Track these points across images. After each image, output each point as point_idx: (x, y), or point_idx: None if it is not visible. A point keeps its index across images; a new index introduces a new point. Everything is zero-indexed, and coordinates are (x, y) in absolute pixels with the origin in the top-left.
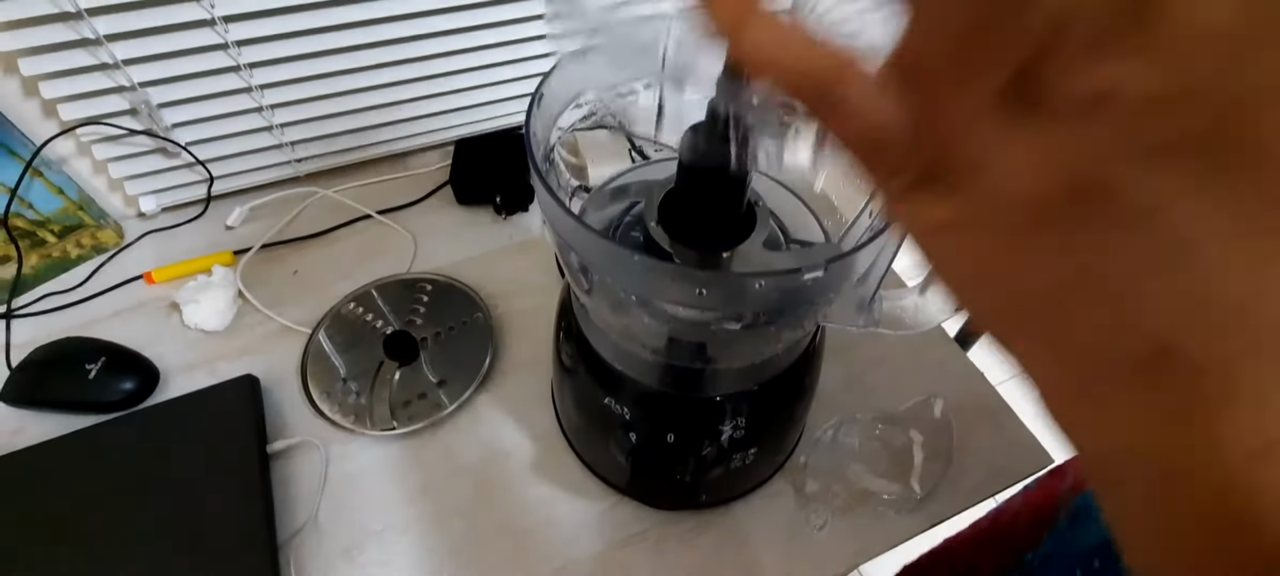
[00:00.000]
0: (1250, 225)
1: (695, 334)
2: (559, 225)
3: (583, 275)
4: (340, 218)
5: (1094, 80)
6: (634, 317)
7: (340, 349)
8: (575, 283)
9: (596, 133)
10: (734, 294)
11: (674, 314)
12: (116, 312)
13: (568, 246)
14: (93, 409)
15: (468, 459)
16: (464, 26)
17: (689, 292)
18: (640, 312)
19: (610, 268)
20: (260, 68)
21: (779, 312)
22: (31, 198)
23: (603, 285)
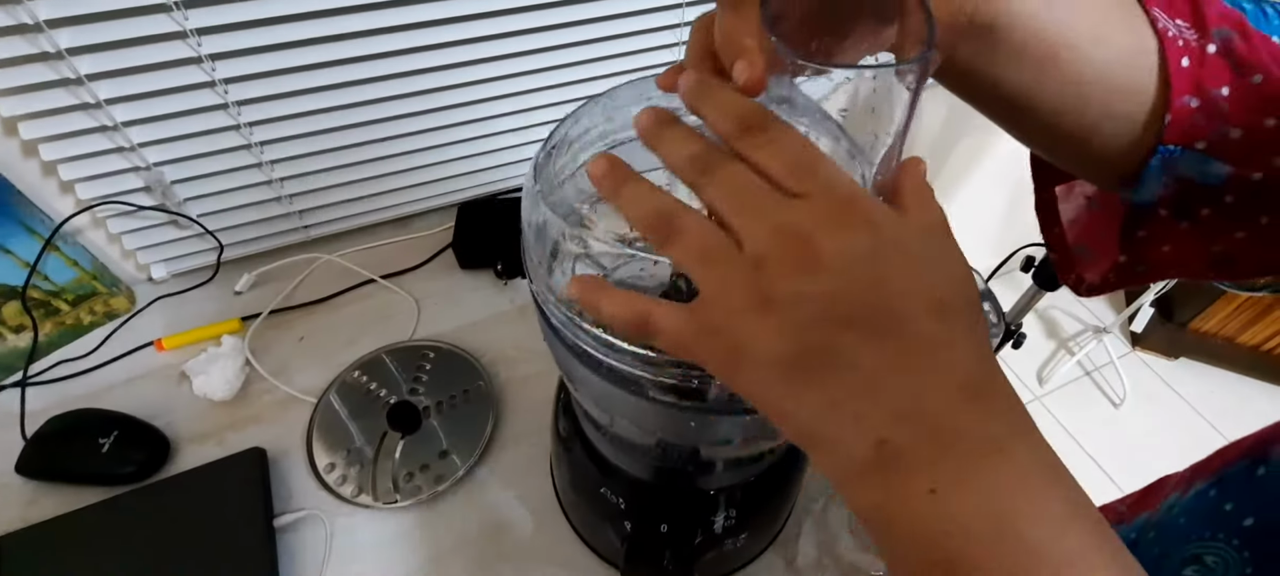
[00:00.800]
0: (905, 361)
1: (685, 440)
2: (550, 340)
3: (571, 381)
4: (345, 282)
5: (791, 289)
6: (623, 424)
7: (345, 419)
8: (568, 382)
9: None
10: (723, 429)
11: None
12: (128, 380)
13: (561, 364)
14: (105, 481)
15: (468, 531)
16: (466, 99)
17: (679, 426)
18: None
19: (595, 395)
20: (272, 146)
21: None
22: (47, 270)
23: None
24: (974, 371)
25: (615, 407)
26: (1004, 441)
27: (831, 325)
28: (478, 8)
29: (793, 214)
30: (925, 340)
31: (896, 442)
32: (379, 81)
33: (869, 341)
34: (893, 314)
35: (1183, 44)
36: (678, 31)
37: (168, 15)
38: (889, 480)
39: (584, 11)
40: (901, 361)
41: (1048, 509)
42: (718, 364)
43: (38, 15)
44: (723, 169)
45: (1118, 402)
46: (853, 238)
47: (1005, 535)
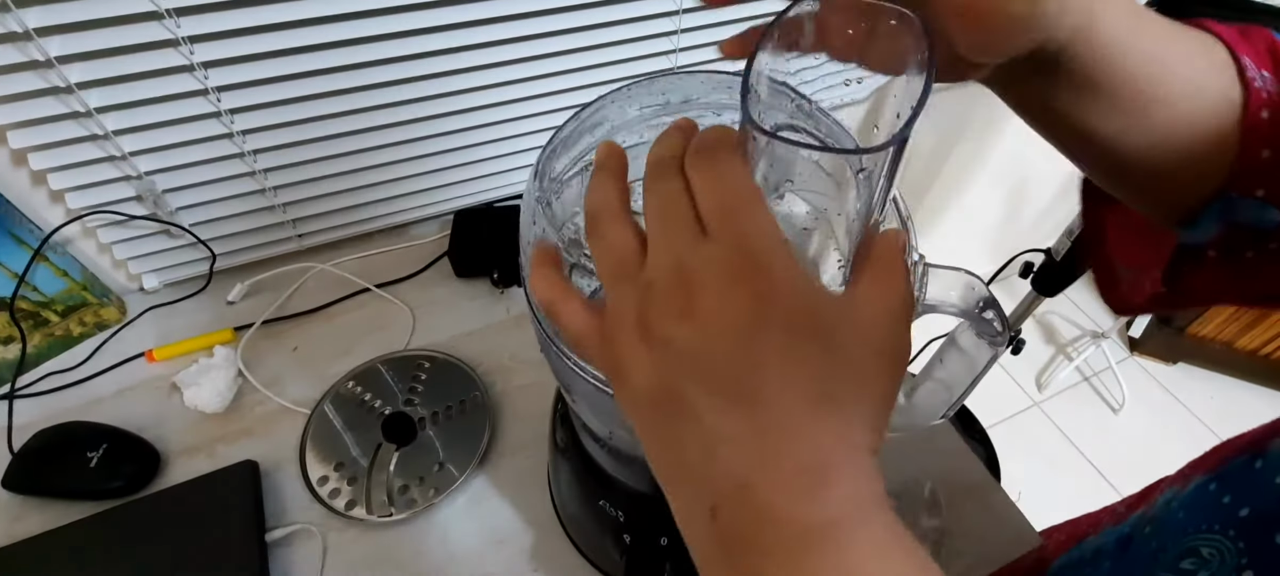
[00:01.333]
0: (750, 436)
1: None
2: (547, 350)
3: (569, 391)
4: (339, 292)
5: (663, 330)
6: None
7: (339, 430)
8: (565, 393)
9: None
10: None
11: None
12: (118, 392)
13: (555, 371)
14: (95, 496)
15: (464, 545)
16: (461, 106)
17: None
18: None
19: (593, 406)
20: (264, 153)
21: None
22: (36, 280)
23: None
24: (826, 455)
25: (614, 419)
26: (842, 528)
27: (688, 378)
28: (474, 16)
29: (695, 256)
30: (776, 421)
31: (727, 515)
32: (373, 89)
33: (719, 406)
34: (748, 390)
35: (1266, 95)
36: (675, 38)
37: (159, 23)
38: (724, 551)
39: (580, 19)
40: (746, 434)
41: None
42: (606, 373)
43: (27, 23)
44: (666, 182)
45: (1116, 408)
46: (736, 302)
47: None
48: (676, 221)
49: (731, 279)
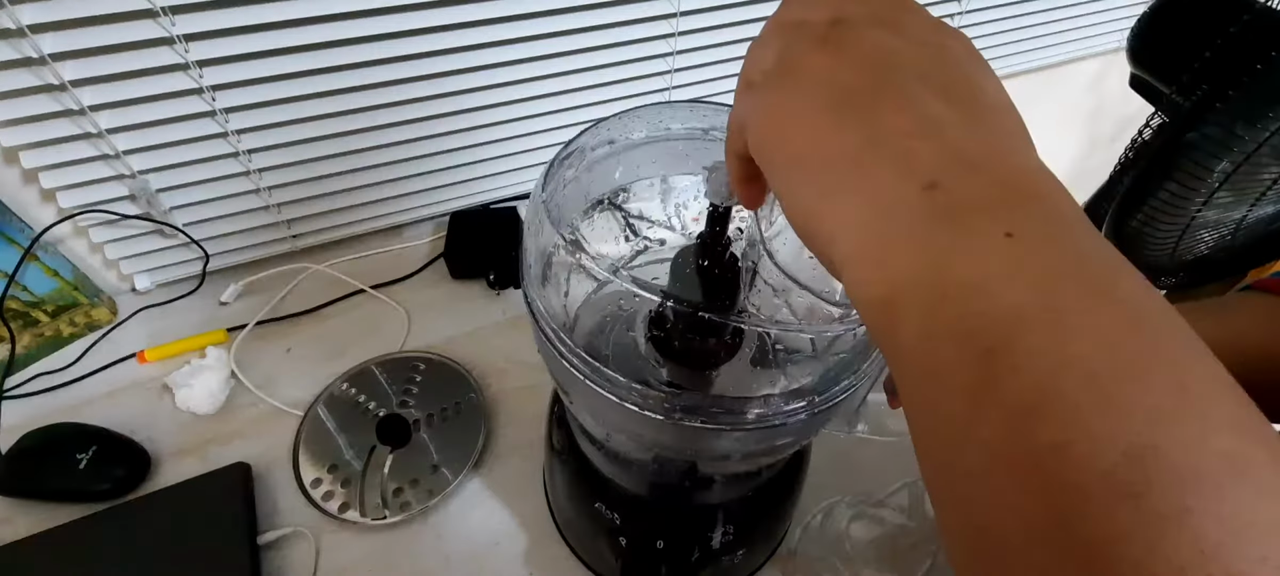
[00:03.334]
0: (978, 117)
1: (680, 454)
2: (545, 351)
3: (566, 392)
4: (334, 293)
5: (870, 38)
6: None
7: (333, 432)
8: (562, 394)
9: (595, 219)
10: (722, 443)
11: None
12: (108, 393)
13: (556, 376)
14: (84, 498)
15: (460, 548)
16: (458, 108)
17: (677, 440)
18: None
19: (591, 408)
20: (259, 153)
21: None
22: (26, 280)
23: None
24: (1026, 140)
25: (611, 421)
26: (1082, 221)
27: (901, 72)
28: (471, 16)
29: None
30: (1002, 107)
31: (953, 188)
32: (369, 89)
33: (939, 95)
34: (967, 81)
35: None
36: (671, 40)
37: (154, 21)
38: (943, 227)
39: (578, 21)
40: (973, 116)
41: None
42: (773, 66)
43: (21, 20)
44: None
45: None
46: (926, 17)
47: (1112, 289)
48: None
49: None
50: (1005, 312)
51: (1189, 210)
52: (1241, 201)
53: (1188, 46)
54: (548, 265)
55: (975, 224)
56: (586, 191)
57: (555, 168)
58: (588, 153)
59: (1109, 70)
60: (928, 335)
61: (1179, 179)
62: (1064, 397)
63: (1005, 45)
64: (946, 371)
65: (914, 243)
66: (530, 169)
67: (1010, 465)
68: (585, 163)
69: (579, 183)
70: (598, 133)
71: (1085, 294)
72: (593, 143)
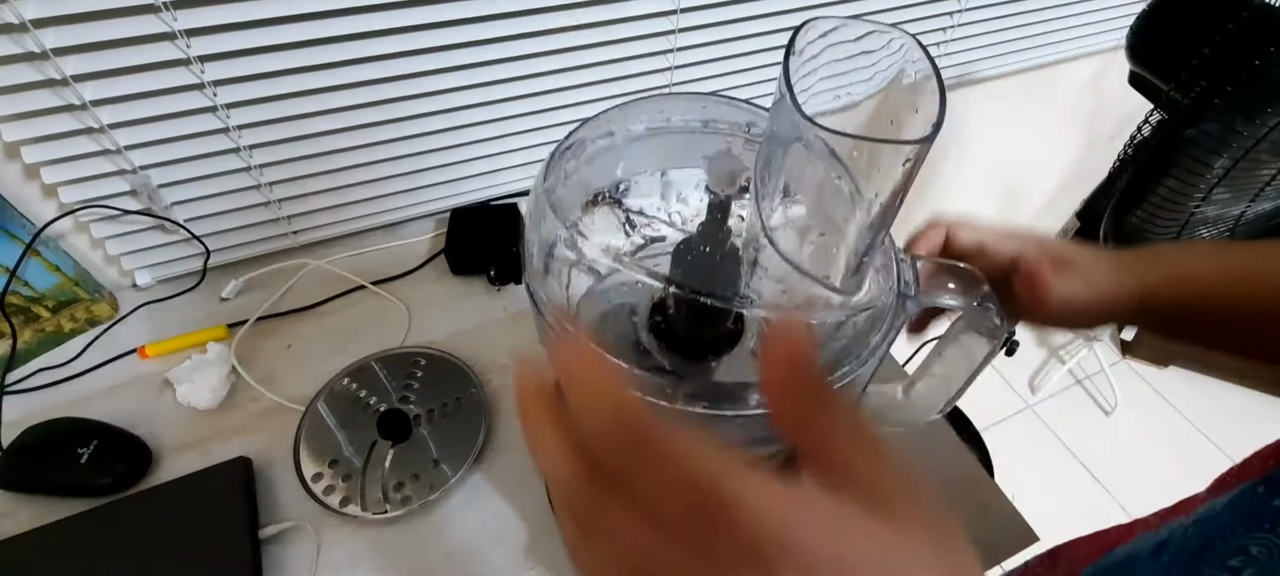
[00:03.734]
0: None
1: None
2: (548, 342)
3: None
4: (334, 289)
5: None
6: None
7: (334, 427)
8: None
9: (595, 214)
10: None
11: None
12: (109, 388)
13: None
14: (85, 493)
15: (461, 543)
16: (459, 104)
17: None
18: None
19: None
20: (261, 149)
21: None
22: (27, 275)
23: None
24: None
25: None
26: None
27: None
28: (473, 12)
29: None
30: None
31: None
32: (371, 85)
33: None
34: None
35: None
36: (672, 38)
37: (156, 16)
38: None
39: (578, 17)
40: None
41: None
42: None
43: (23, 15)
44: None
45: (1109, 410)
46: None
47: None
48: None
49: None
50: None
51: (1188, 206)
52: (1240, 198)
53: (1186, 43)
54: (550, 256)
55: None
56: (587, 183)
57: (556, 159)
58: (588, 145)
59: (1108, 69)
60: None
61: (1177, 176)
62: None
63: (1004, 44)
64: None
65: None
66: (531, 165)
67: None
68: (586, 155)
69: (580, 175)
70: (597, 125)
71: None
72: (593, 134)
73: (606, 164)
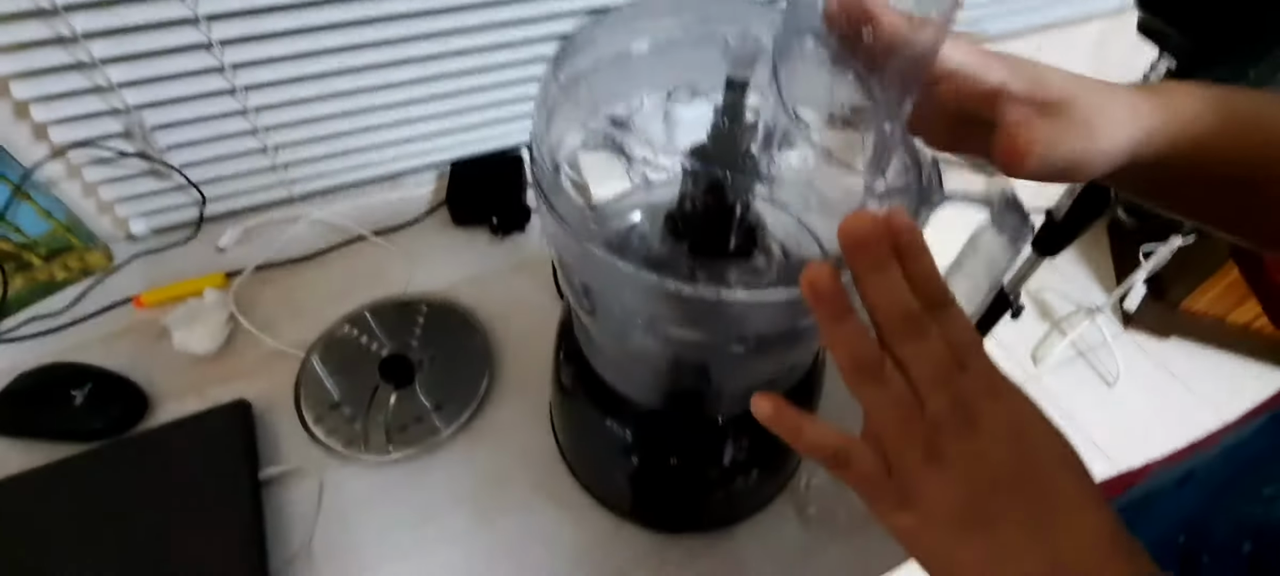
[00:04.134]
0: (1055, 517)
1: (698, 355)
2: (561, 243)
3: (585, 295)
4: (334, 239)
5: (956, 448)
6: (636, 339)
7: (334, 372)
8: (577, 303)
9: (597, 153)
10: (743, 314)
11: (678, 336)
12: (104, 337)
13: (571, 266)
14: (79, 437)
15: (466, 484)
16: (459, 48)
17: (699, 312)
18: (643, 335)
19: (617, 287)
20: (256, 90)
21: (786, 336)
22: (18, 220)
23: (606, 306)
24: (1112, 525)
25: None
26: None
27: (990, 483)
28: None
29: (963, 385)
30: (1071, 497)
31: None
32: (370, 24)
33: (1022, 499)
34: (1039, 473)
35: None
36: None
37: None
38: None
39: None
40: (1052, 517)
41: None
42: (891, 504)
43: None
44: (924, 338)
45: (1111, 382)
46: (1002, 412)
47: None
48: (943, 366)
49: (993, 395)
50: None
51: None
52: None
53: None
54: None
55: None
56: (595, 100)
57: (566, 55)
58: (609, 38)
59: (1112, 33)
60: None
61: None
62: None
63: (1006, 3)
64: None
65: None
66: None
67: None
68: (609, 48)
69: (612, 71)
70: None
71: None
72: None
73: (610, 79)
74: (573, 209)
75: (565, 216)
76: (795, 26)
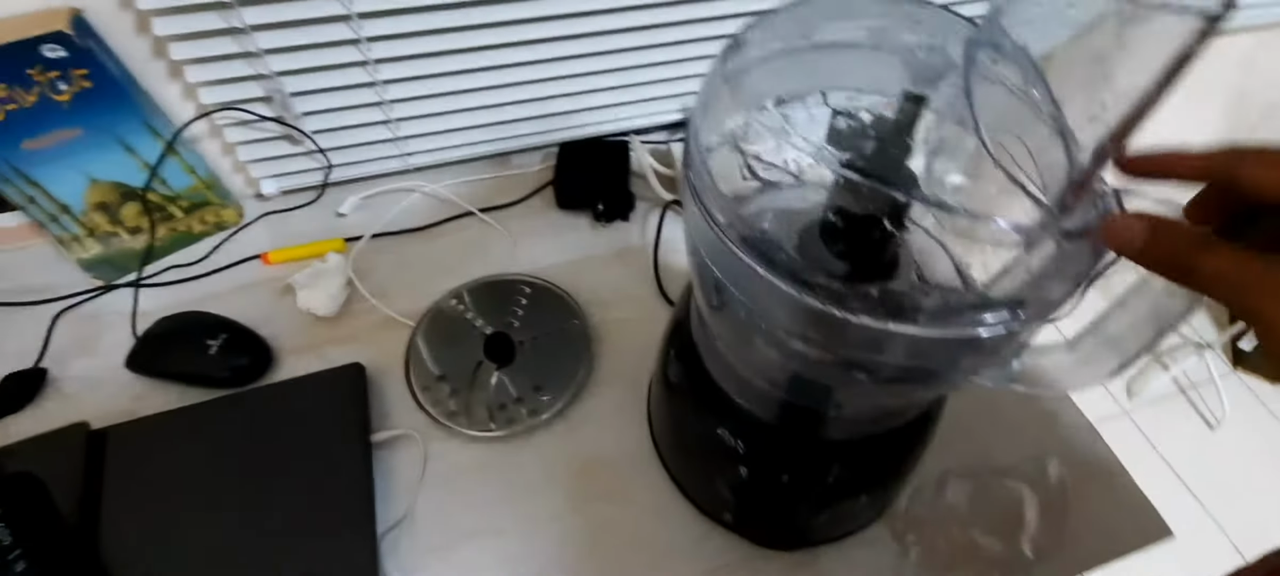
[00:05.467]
0: None
1: (824, 375)
2: (703, 238)
3: (717, 292)
4: (443, 213)
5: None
6: (759, 350)
7: (441, 345)
8: (705, 299)
9: (721, 149)
10: (892, 345)
11: (809, 354)
12: (234, 289)
13: (707, 263)
14: (210, 383)
15: (560, 468)
16: (579, 31)
17: (858, 341)
18: (769, 344)
19: (755, 295)
20: (387, 63)
21: (928, 373)
22: (166, 175)
23: (735, 308)
24: None
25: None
26: None
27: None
28: None
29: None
30: None
31: None
32: (496, 5)
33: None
34: None
35: None
36: None
37: None
38: None
39: None
40: None
41: None
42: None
43: None
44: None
45: (1214, 424)
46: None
47: None
48: None
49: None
50: None
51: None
52: None
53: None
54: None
55: None
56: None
57: (745, 36)
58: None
59: (1262, 49)
60: None
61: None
62: None
63: None
64: None
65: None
66: (642, 103)
67: None
68: (780, 43)
69: (772, 66)
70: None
71: None
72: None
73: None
74: (723, 204)
75: (713, 211)
76: (991, 45)
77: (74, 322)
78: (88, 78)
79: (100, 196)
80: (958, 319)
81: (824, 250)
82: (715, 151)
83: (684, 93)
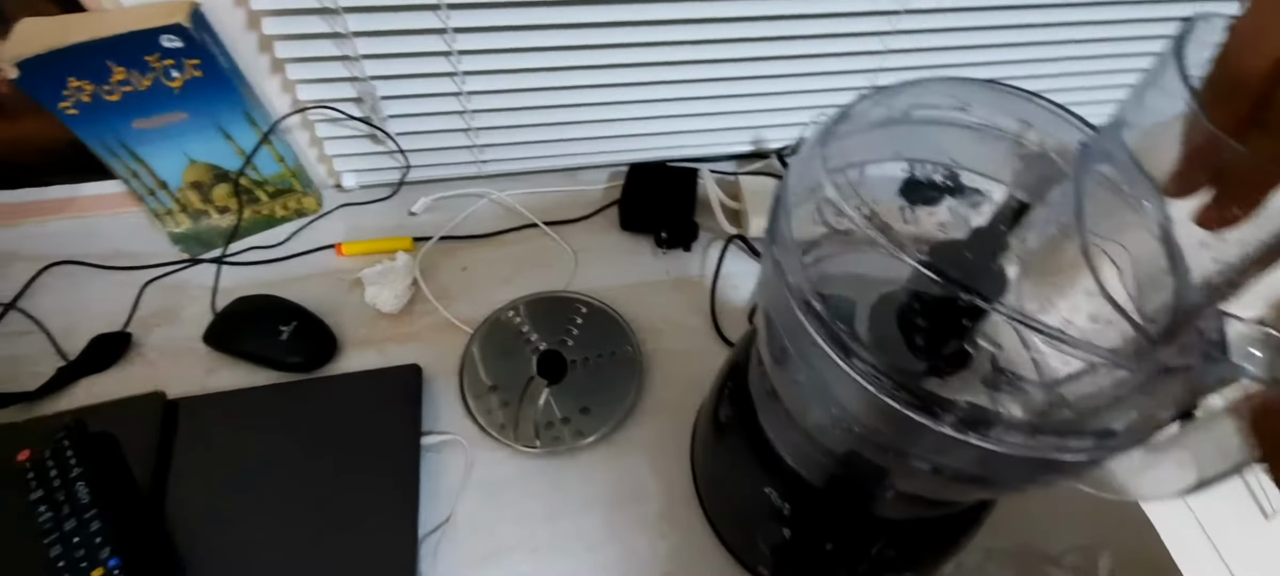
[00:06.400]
0: None
1: (884, 460)
2: (776, 298)
3: (782, 354)
4: (510, 222)
5: None
6: (818, 417)
7: (495, 356)
8: (769, 354)
9: (761, 179)
10: (974, 457)
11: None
12: (306, 276)
13: (778, 325)
14: (278, 366)
15: (600, 493)
16: (657, 59)
17: (930, 446)
18: (827, 420)
19: (822, 370)
20: (473, 76)
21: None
22: (257, 161)
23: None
24: None
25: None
26: None
27: None
28: None
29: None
30: None
31: None
32: (581, 28)
33: None
34: None
35: None
36: (886, 19)
37: None
38: None
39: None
40: None
41: None
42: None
43: None
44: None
45: (1269, 514)
46: None
47: None
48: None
49: None
50: None
51: None
52: None
53: None
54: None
55: None
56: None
57: (840, 121)
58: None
59: None
60: None
61: None
62: None
63: None
64: None
65: None
66: (716, 132)
67: None
68: (870, 124)
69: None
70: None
71: None
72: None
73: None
74: (799, 272)
75: (790, 277)
76: (1105, 155)
77: (160, 292)
78: (199, 67)
79: (196, 176)
80: (1041, 440)
81: (897, 331)
82: (798, 208)
83: (757, 125)
